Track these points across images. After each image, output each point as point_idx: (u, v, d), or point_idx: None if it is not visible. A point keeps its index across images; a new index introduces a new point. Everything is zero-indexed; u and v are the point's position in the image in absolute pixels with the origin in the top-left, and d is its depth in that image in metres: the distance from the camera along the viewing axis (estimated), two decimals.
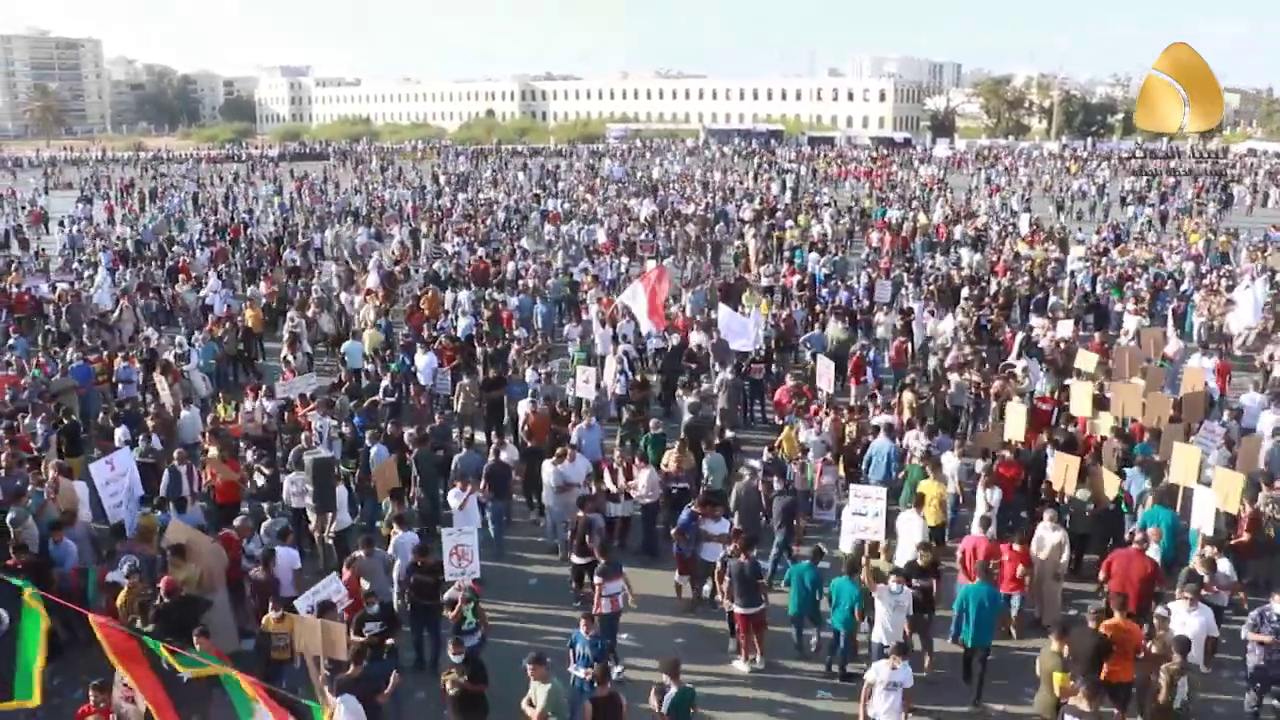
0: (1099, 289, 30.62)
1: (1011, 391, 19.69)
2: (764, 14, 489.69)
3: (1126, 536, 14.19)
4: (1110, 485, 15.24)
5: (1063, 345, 23.35)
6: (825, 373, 20.82)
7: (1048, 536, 13.74)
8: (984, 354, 22.96)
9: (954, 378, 20.98)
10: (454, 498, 15.12)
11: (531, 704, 10.56)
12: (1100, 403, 18.65)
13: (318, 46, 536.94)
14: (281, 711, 7.86)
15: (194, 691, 8.41)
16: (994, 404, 19.71)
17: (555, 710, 10.53)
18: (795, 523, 15.33)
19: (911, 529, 14.31)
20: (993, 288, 30.20)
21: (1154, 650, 11.17)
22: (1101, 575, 13.00)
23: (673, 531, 14.88)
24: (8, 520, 14.36)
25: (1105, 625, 11.32)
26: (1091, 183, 65.83)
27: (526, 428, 18.95)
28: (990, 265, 34.49)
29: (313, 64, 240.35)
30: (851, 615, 12.54)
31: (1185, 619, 11.49)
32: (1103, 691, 10.70)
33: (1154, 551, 13.26)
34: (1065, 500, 15.00)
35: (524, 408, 19.46)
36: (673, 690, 10.61)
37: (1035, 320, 26.25)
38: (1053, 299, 29.02)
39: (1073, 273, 31.91)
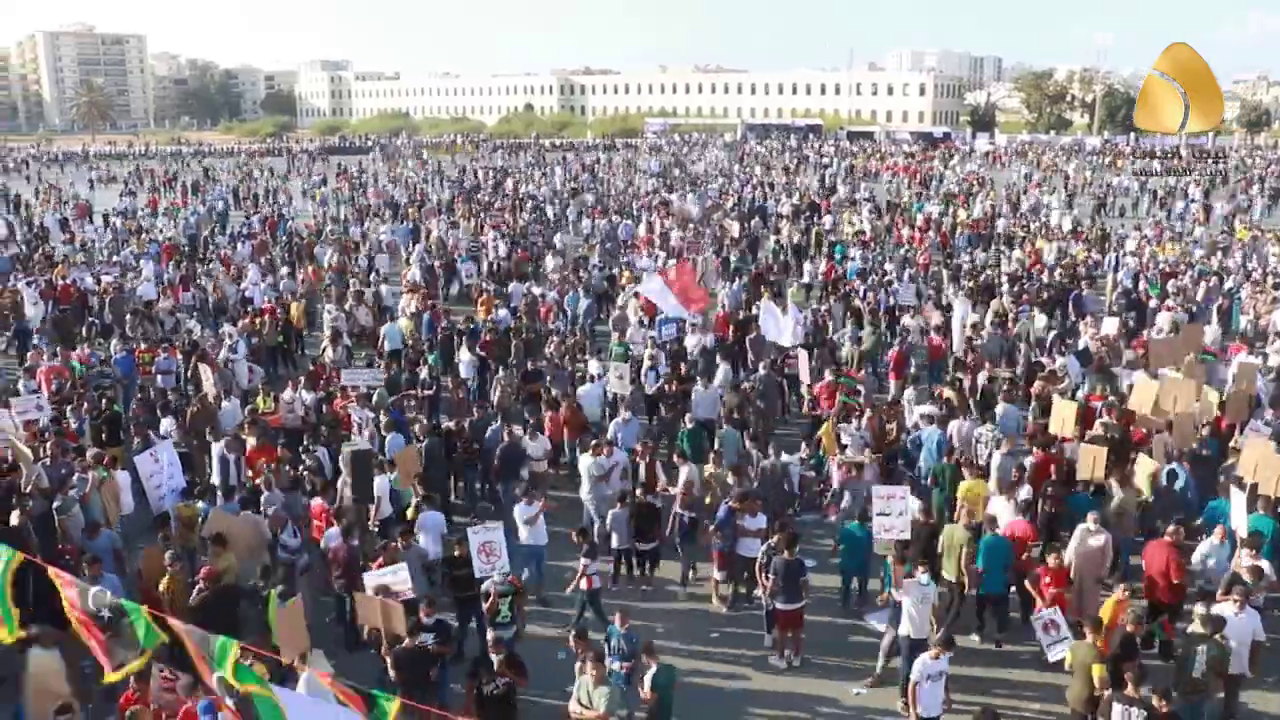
0: (1140, 286, 30.27)
1: (1051, 390, 19.49)
2: (803, 8, 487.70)
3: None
4: (1144, 471, 15.20)
5: (1105, 343, 23.07)
6: (802, 365, 20.89)
7: (1090, 540, 13.35)
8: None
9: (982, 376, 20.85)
10: (521, 513, 14.40)
11: (581, 703, 10.50)
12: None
13: (358, 41, 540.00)
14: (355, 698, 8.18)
15: None
16: (1033, 403, 19.55)
17: (614, 711, 10.46)
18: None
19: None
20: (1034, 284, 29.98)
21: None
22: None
23: (710, 528, 14.84)
24: (54, 508, 14.58)
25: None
26: (1135, 179, 65.10)
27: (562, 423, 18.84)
28: (1029, 261, 34.18)
29: (353, 58, 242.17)
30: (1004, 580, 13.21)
31: (1233, 623, 11.32)
32: (1147, 678, 10.56)
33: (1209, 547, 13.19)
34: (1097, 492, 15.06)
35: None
36: (653, 669, 10.73)
37: (1081, 319, 26.02)
38: (1086, 293, 28.90)
39: (1114, 269, 31.59)
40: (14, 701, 12.04)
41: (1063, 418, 17.30)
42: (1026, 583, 12.99)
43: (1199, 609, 11.55)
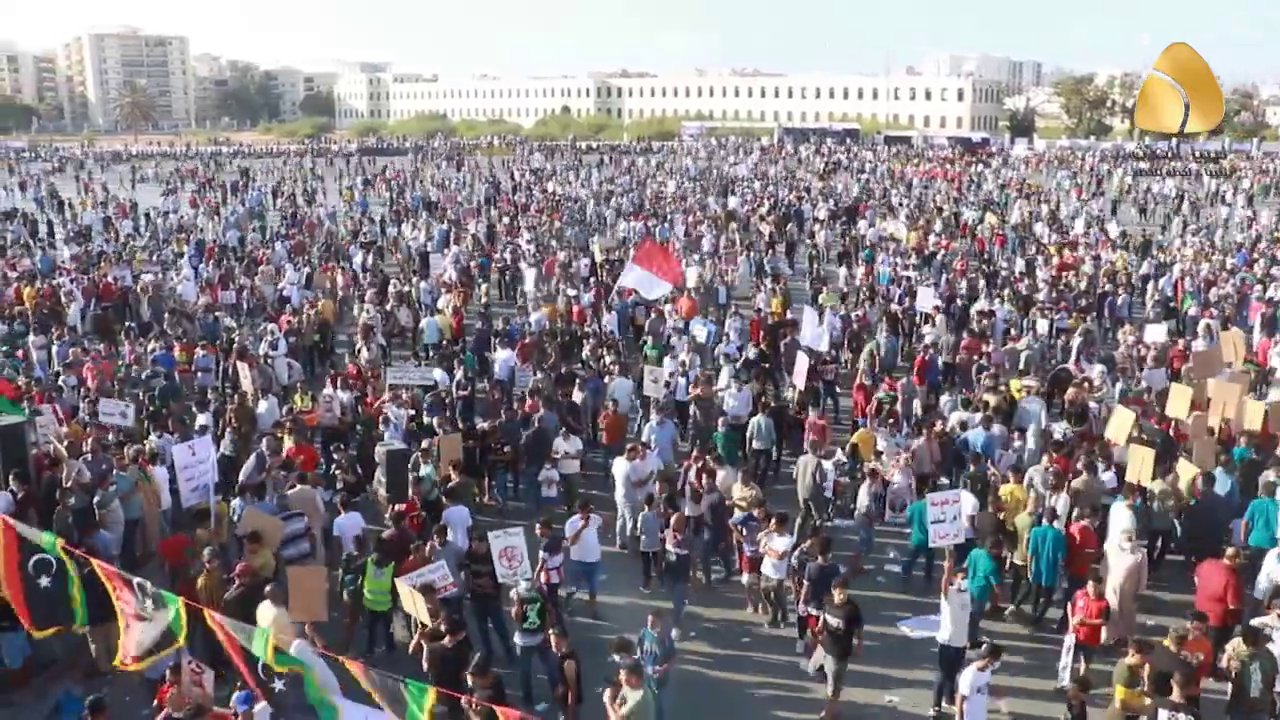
0: (1180, 294, 29.98)
1: (1086, 399, 19.34)
2: (842, 13, 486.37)
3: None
4: (1185, 476, 15.17)
5: (1146, 350, 22.84)
6: (800, 369, 20.76)
7: (1125, 558, 13.05)
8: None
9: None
10: (571, 528, 14.07)
11: (616, 704, 10.48)
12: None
13: (397, 43, 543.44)
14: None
15: None
16: (1069, 407, 19.41)
17: (640, 718, 10.42)
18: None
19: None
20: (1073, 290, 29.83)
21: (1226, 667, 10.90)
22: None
23: (733, 528, 14.79)
24: (94, 503, 14.77)
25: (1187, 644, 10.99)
26: (1179, 185, 64.40)
27: (602, 427, 18.87)
28: (1064, 266, 33.90)
29: (392, 60, 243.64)
30: (987, 586, 13.17)
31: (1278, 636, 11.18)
32: (1195, 682, 10.42)
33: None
34: (1142, 497, 14.94)
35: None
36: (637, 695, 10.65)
37: (1119, 326, 25.83)
38: (1122, 299, 28.83)
39: (1155, 276, 31.29)
40: (52, 694, 12.24)
41: (1119, 425, 17.26)
42: (1069, 606, 12.75)
43: (1242, 626, 11.45)
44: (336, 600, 13.31)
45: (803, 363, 20.82)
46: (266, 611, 11.63)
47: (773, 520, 13.94)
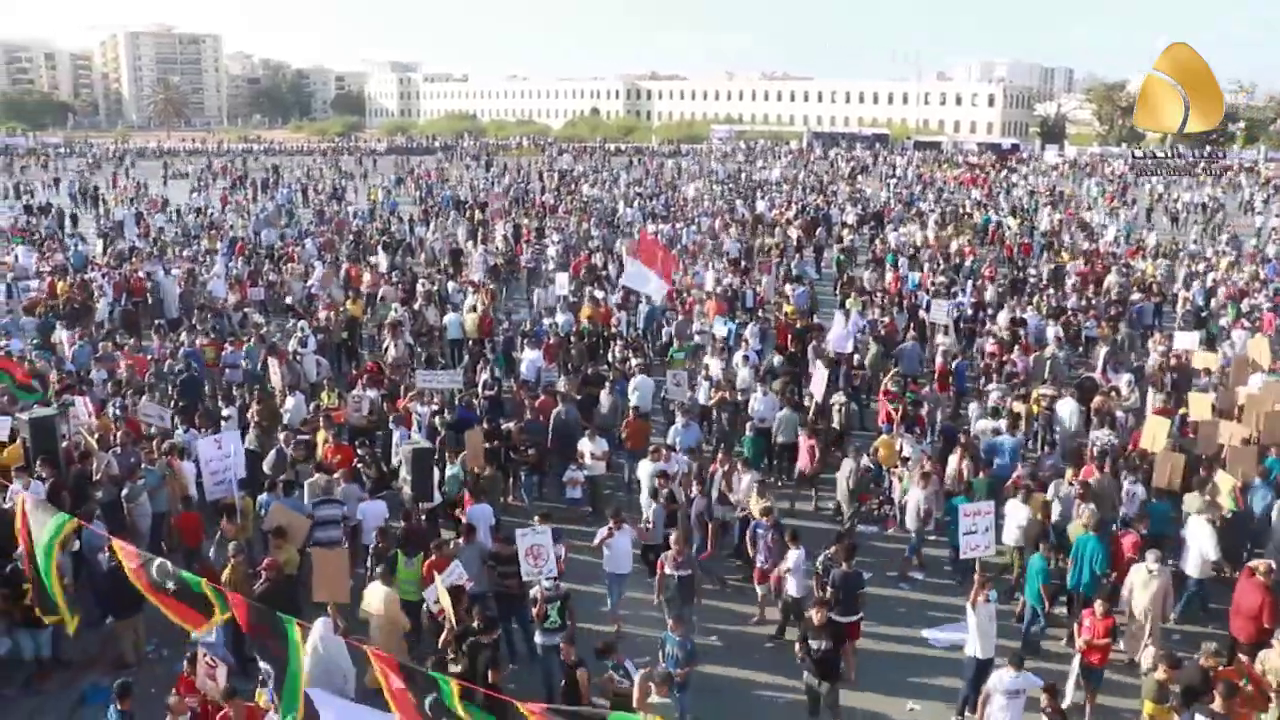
0: (1212, 304, 29.71)
1: (1113, 407, 19.19)
2: (873, 18, 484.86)
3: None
4: (1225, 487, 15.04)
5: (1177, 360, 22.65)
6: (819, 380, 20.63)
7: (1152, 582, 12.68)
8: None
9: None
10: (599, 535, 14.08)
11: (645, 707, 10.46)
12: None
13: (427, 43, 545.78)
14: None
15: None
16: (1096, 418, 19.23)
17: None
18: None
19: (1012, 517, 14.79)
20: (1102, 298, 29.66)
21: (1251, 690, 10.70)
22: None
23: (747, 536, 14.66)
24: (122, 496, 14.89)
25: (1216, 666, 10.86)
26: (1213, 193, 63.84)
27: (625, 432, 18.66)
28: (1090, 274, 33.65)
29: (422, 60, 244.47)
30: (1094, 579, 13.22)
31: None
32: (1236, 692, 10.29)
33: None
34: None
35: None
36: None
37: (1148, 335, 25.62)
38: (1148, 304, 28.72)
39: (1186, 285, 31.03)
40: (78, 684, 12.35)
41: (1153, 434, 17.24)
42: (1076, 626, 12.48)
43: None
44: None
45: (820, 374, 20.74)
46: (377, 590, 12.28)
47: (784, 536, 13.79)
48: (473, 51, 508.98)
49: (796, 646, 11.85)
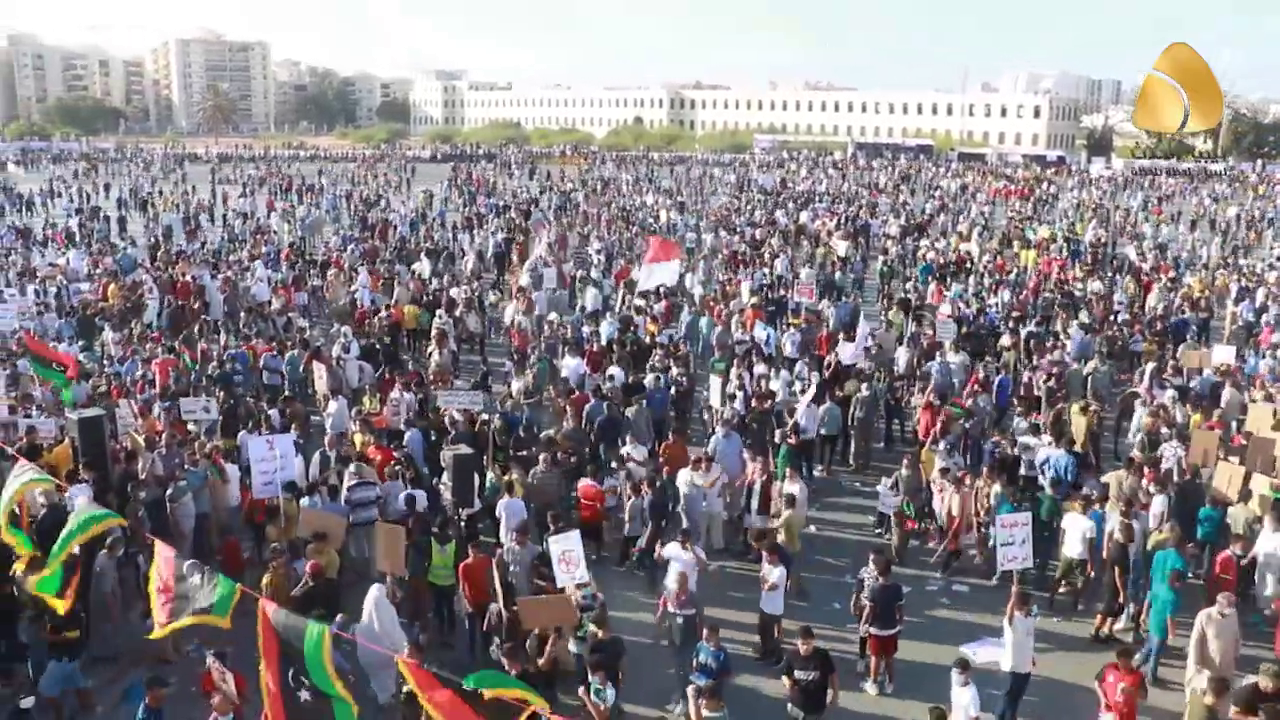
0: (1263, 320, 29.24)
1: (1161, 425, 18.94)
2: (918, 28, 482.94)
3: None
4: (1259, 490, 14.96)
5: (1223, 373, 22.32)
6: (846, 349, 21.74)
7: (1225, 631, 12.10)
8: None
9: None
10: (670, 552, 13.79)
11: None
12: None
13: (472, 51, 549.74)
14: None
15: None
16: (1141, 436, 19.00)
17: None
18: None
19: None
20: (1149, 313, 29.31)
21: None
22: None
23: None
24: (166, 496, 15.08)
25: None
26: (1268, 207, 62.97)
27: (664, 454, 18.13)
28: (1142, 289, 33.25)
29: (467, 68, 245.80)
30: (1170, 600, 12.88)
31: None
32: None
33: None
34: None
35: None
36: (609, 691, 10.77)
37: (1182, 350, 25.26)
38: (1188, 316, 28.49)
39: (1236, 301, 30.59)
40: (122, 682, 12.49)
41: (1204, 449, 17.15)
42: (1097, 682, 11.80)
43: None
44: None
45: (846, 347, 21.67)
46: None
47: (766, 552, 13.58)
48: (517, 60, 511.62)
49: (784, 678, 11.59)
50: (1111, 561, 14.12)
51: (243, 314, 28.09)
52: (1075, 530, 14.80)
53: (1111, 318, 28.50)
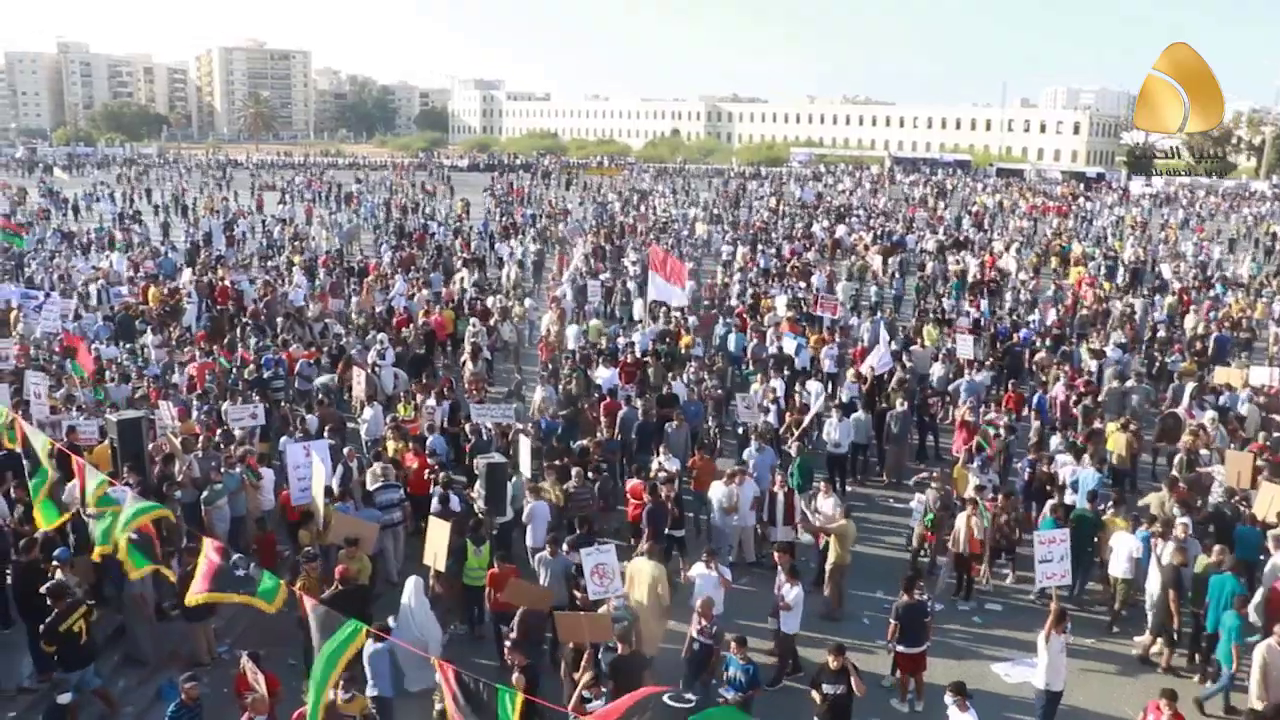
0: None
1: (1200, 446, 18.72)
2: (957, 43, 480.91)
3: None
4: None
5: (1263, 395, 22.05)
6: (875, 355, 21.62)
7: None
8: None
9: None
10: (695, 572, 13.63)
11: None
12: None
13: (509, 61, 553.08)
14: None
15: None
16: (1181, 456, 18.78)
17: None
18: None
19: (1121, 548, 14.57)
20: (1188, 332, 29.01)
21: None
22: None
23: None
24: (201, 498, 15.21)
25: None
26: None
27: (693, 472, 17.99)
28: (1181, 308, 32.89)
29: (504, 78, 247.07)
30: (1236, 627, 12.45)
31: None
32: None
33: None
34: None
35: None
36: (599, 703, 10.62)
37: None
38: (1223, 336, 28.13)
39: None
40: (155, 681, 12.61)
41: (1238, 470, 17.01)
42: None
43: None
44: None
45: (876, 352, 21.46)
46: (642, 565, 13.21)
47: (784, 572, 13.34)
48: (555, 71, 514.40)
49: (811, 692, 11.44)
50: (1166, 584, 13.74)
51: (280, 320, 28.31)
52: (1123, 549, 14.63)
53: (1149, 337, 28.23)
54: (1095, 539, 15.42)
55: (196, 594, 10.35)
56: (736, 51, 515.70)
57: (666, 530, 15.54)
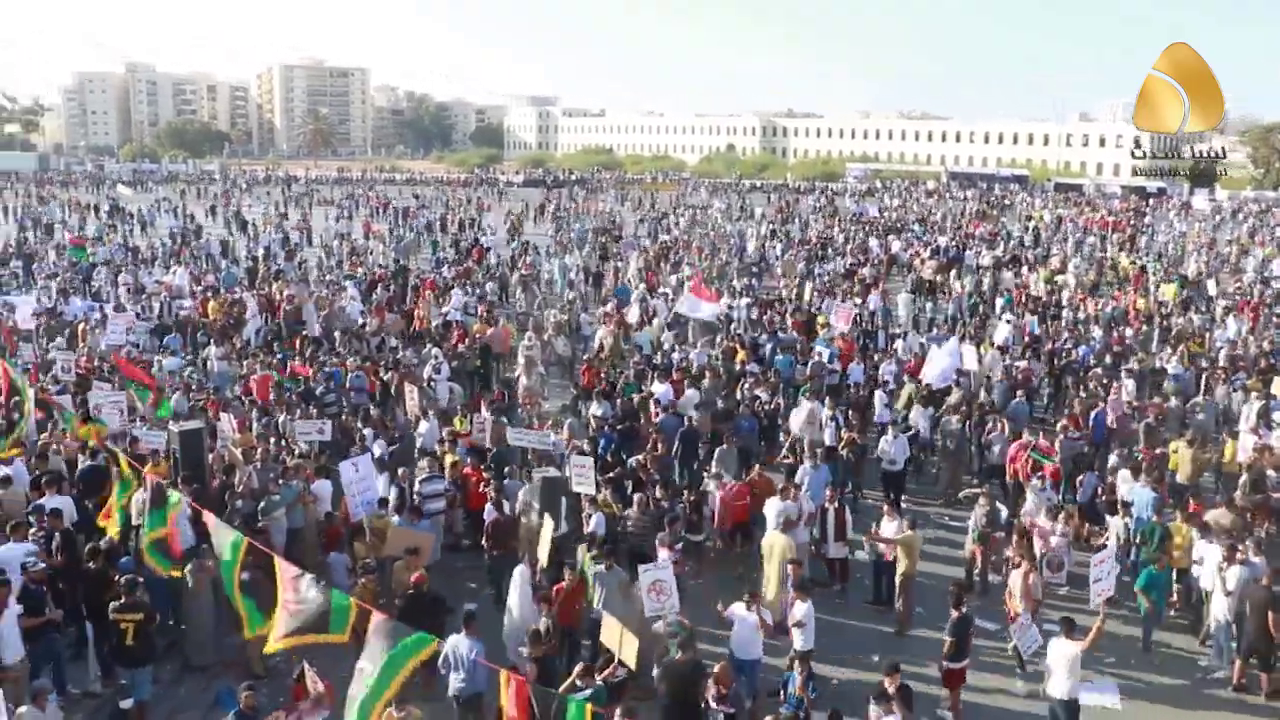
0: None
1: (1269, 463, 18.35)
2: (1014, 58, 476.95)
3: None
4: None
5: None
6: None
7: None
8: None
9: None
10: (734, 613, 12.89)
11: None
12: None
13: (565, 77, 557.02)
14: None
15: None
16: (1245, 475, 18.41)
17: None
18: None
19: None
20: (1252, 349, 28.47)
21: None
22: None
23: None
24: (258, 509, 15.42)
25: None
26: None
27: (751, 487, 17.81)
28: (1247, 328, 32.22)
29: (560, 94, 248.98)
30: None
31: None
32: None
33: None
34: None
35: None
36: (587, 691, 10.57)
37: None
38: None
39: None
40: (214, 687, 12.77)
41: None
42: None
43: None
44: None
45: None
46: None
47: (794, 590, 13.23)
48: (610, 87, 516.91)
49: (869, 708, 10.96)
50: (1261, 606, 13.17)
51: (337, 334, 28.63)
52: (1211, 560, 14.30)
53: (1210, 354, 27.74)
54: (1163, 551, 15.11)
55: (278, 641, 10.45)
56: (790, 65, 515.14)
57: (685, 533, 15.96)
